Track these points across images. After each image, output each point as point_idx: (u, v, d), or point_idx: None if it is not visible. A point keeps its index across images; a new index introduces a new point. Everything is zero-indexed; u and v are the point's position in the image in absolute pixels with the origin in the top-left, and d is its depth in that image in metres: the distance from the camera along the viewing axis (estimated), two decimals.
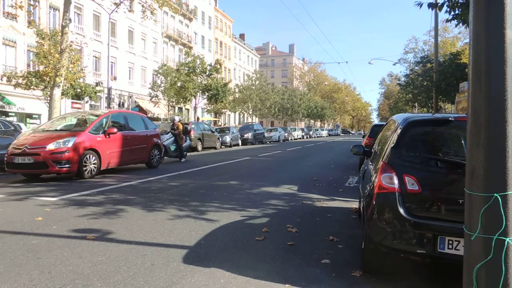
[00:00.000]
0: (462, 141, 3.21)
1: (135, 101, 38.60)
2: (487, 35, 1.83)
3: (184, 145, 15.33)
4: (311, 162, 15.17)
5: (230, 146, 26.94)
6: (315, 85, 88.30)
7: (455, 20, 7.39)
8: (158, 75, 35.10)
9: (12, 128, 12.38)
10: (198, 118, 36.14)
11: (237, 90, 50.33)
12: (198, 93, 35.39)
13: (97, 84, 27.74)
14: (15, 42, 26.67)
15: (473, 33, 1.89)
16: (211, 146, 23.66)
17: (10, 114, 25.88)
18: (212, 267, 3.58)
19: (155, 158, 12.49)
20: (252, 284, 3.25)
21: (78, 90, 25.35)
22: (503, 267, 1.78)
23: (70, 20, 16.08)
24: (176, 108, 42.26)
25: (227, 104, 43.62)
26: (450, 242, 2.95)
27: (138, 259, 3.78)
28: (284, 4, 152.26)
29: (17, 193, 7.48)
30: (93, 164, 9.81)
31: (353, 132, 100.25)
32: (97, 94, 28.14)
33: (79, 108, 30.59)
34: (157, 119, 35.21)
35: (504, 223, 1.78)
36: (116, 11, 25.06)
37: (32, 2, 27.43)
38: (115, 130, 10.53)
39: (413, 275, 3.54)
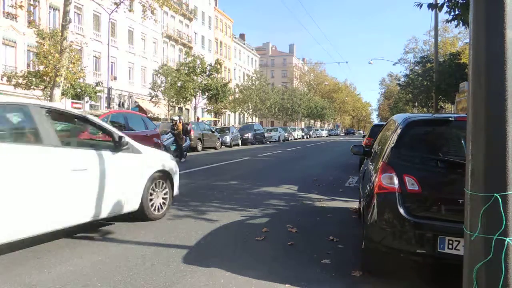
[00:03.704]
0: (462, 141, 3.21)
1: (135, 101, 38.59)
2: (487, 35, 1.83)
3: (184, 145, 15.33)
4: (311, 162, 15.17)
5: (230, 146, 26.93)
6: (315, 85, 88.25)
7: (455, 21, 7.38)
8: (158, 75, 35.10)
9: None
10: (198, 118, 36.13)
11: (237, 90, 50.32)
12: (198, 93, 35.38)
13: (97, 84, 27.73)
14: (15, 42, 26.66)
15: (473, 33, 1.89)
16: (211, 146, 23.65)
17: None
18: (212, 267, 3.58)
19: None
20: (252, 284, 3.25)
21: (78, 90, 25.35)
22: (503, 267, 1.78)
23: (70, 20, 16.06)
24: (176, 108, 42.25)
25: (227, 104, 43.60)
26: (450, 242, 2.95)
27: (138, 259, 3.78)
28: (284, 4, 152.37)
29: None
30: None
31: (361, 131, 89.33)
32: (97, 94, 28.15)
33: (79, 108, 30.59)
34: (157, 119, 35.20)
35: (504, 223, 1.78)
36: (116, 11, 25.08)
37: (32, 2, 27.41)
38: None
39: (413, 275, 3.54)
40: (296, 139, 46.54)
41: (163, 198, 5.53)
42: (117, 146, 4.76)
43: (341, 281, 3.35)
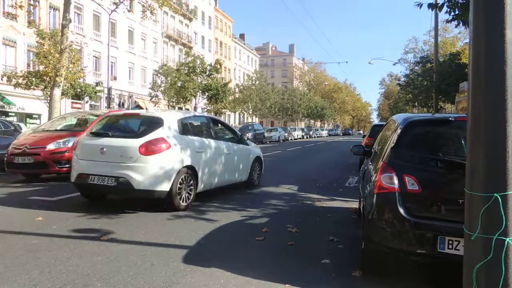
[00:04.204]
0: (462, 141, 3.21)
1: (135, 101, 38.59)
2: (487, 35, 1.83)
3: None
4: (311, 162, 15.17)
5: None
6: (315, 85, 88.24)
7: (455, 21, 7.38)
8: (158, 75, 35.10)
9: (12, 128, 12.36)
10: None
11: (237, 90, 50.31)
12: (198, 93, 35.37)
13: (97, 84, 27.72)
14: (15, 42, 26.66)
15: (473, 33, 1.89)
16: None
17: (10, 114, 25.86)
18: (212, 267, 3.58)
19: None
20: (252, 284, 3.25)
21: (78, 90, 25.34)
22: (503, 267, 1.78)
23: (70, 20, 16.07)
24: (176, 108, 42.25)
25: (227, 104, 43.55)
26: (450, 242, 2.95)
27: (138, 259, 3.78)
28: (284, 4, 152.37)
29: (17, 193, 7.48)
30: None
31: (361, 131, 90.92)
32: (97, 94, 28.13)
33: (79, 108, 30.57)
34: None
35: (504, 223, 1.78)
36: (116, 11, 25.06)
37: (32, 2, 27.41)
38: None
39: (413, 275, 3.54)
40: (296, 139, 46.54)
41: (257, 174, 8.72)
42: (238, 140, 8.01)
43: (341, 281, 3.35)
